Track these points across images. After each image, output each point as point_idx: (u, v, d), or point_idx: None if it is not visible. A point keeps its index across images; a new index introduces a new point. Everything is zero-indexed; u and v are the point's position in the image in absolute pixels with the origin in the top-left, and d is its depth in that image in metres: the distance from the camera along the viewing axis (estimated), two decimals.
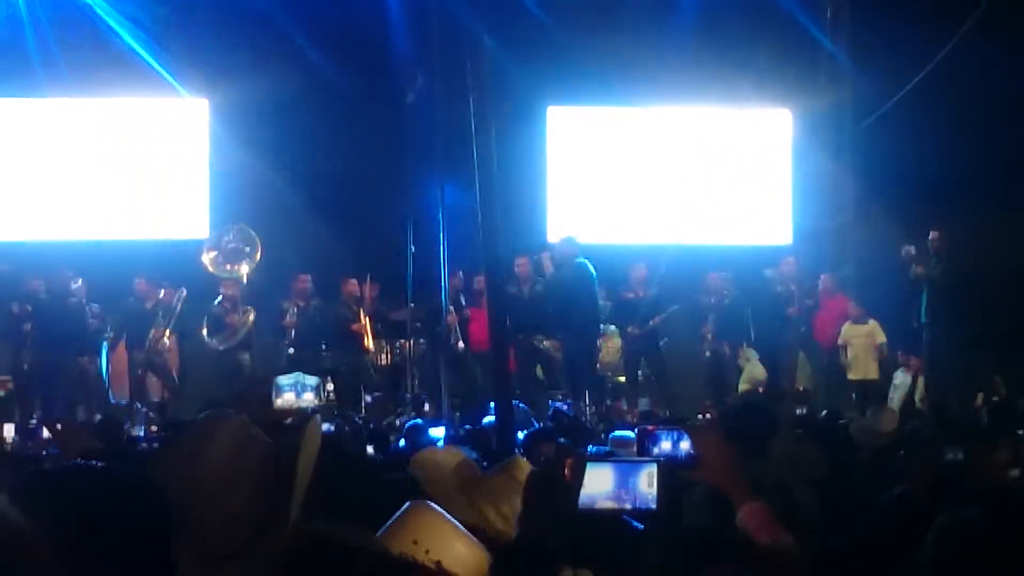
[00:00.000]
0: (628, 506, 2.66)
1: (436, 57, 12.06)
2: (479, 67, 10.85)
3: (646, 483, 2.61)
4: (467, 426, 9.62)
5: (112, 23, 13.35)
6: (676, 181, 14.77)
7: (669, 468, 2.68)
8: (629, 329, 12.97)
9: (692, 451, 2.89)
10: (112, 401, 12.54)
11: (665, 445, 2.91)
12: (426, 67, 12.50)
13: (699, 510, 3.41)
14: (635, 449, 2.82)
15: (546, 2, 13.73)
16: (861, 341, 13.11)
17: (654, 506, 2.56)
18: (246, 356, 12.73)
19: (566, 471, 2.42)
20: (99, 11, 13.34)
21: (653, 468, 2.61)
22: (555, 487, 2.39)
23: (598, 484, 2.59)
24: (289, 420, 3.13)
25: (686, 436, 2.94)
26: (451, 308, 12.72)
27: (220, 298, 12.72)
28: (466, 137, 10.84)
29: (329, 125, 13.41)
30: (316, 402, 11.14)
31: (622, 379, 13.28)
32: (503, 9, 13.37)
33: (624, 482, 2.61)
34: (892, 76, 12.69)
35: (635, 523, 2.72)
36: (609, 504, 2.61)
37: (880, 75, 12.37)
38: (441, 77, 12.09)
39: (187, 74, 13.61)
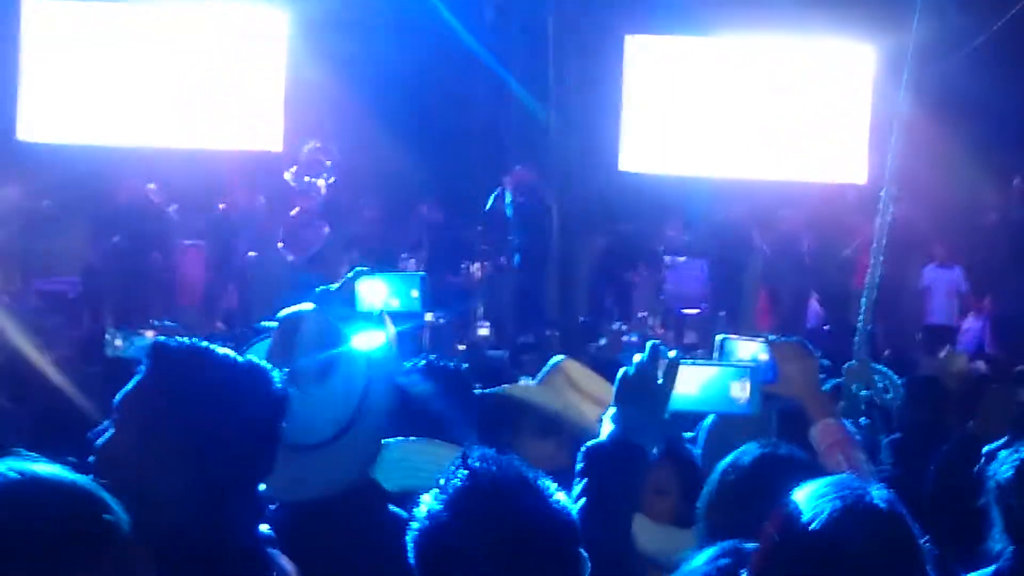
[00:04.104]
0: (720, 410, 2.67)
1: None
2: None
3: (739, 388, 2.60)
4: (526, 341, 9.61)
5: None
6: (751, 114, 14.56)
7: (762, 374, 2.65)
8: None
9: (772, 363, 2.87)
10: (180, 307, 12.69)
11: (744, 355, 2.90)
12: None
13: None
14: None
15: None
16: (944, 286, 13.00)
17: (747, 410, 2.55)
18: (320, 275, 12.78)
19: (659, 372, 2.42)
20: None
21: (747, 373, 2.59)
22: (648, 386, 2.39)
23: (690, 386, 2.59)
24: None
25: (766, 348, 2.93)
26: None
27: (296, 210, 12.80)
28: (543, 58, 10.83)
29: (406, 42, 13.32)
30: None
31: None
32: None
33: (716, 385, 2.61)
34: (982, 13, 12.34)
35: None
36: (701, 406, 2.62)
37: (970, 12, 12.02)
38: None
39: None
